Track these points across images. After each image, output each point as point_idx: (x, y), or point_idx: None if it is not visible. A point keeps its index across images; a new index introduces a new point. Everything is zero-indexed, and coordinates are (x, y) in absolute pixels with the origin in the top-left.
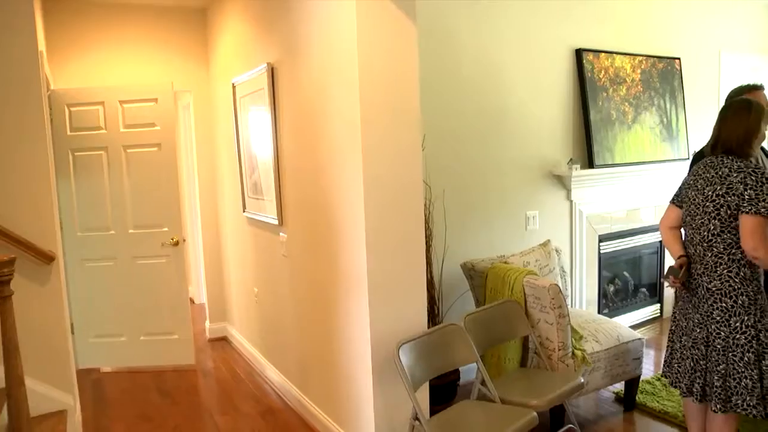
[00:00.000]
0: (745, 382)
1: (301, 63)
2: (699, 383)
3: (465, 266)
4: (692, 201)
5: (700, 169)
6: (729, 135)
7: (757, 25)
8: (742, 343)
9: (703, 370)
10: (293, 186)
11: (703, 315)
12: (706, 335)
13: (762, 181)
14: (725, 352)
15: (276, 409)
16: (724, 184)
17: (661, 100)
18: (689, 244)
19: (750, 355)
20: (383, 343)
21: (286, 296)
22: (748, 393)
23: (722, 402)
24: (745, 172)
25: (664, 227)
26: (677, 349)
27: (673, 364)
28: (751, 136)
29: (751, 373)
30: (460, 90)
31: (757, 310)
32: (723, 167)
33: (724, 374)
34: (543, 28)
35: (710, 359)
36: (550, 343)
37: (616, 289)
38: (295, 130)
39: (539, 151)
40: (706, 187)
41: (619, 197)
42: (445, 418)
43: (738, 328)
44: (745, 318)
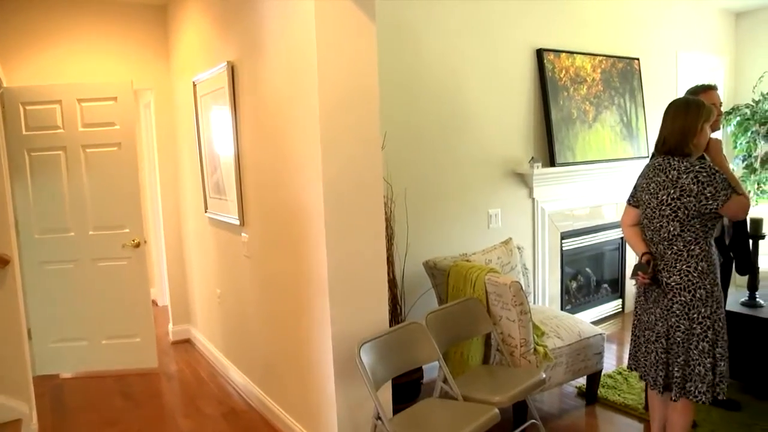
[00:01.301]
0: (698, 369)
1: (261, 61)
2: (662, 375)
3: (427, 264)
4: (648, 204)
5: (650, 172)
6: (670, 135)
7: (713, 28)
8: (698, 332)
9: (665, 362)
10: (254, 186)
11: (663, 309)
12: (667, 329)
13: (711, 173)
14: (684, 343)
15: (239, 410)
16: (677, 188)
17: (621, 100)
18: (650, 244)
19: (704, 344)
20: (345, 342)
21: (248, 297)
22: (701, 380)
23: (679, 388)
24: (694, 171)
25: (625, 225)
26: (641, 343)
27: (639, 357)
28: (689, 135)
29: (705, 361)
30: (422, 89)
31: (714, 302)
32: (672, 170)
33: (683, 365)
34: (504, 28)
35: (671, 351)
36: (512, 339)
37: (578, 286)
38: (256, 129)
39: (501, 149)
40: (660, 191)
41: (580, 195)
42: (408, 417)
43: (696, 319)
44: (703, 310)
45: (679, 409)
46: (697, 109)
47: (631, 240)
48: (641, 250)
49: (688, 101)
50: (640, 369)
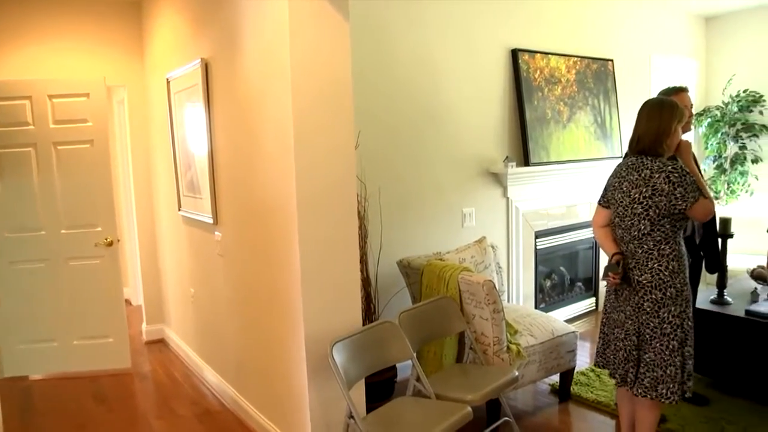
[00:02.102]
0: (669, 369)
1: (235, 58)
2: (632, 372)
3: (401, 263)
4: (619, 203)
5: (622, 171)
6: (644, 135)
7: (684, 31)
8: (668, 331)
9: (635, 359)
10: (228, 184)
11: (634, 307)
12: (637, 326)
13: (682, 175)
14: (652, 341)
15: (213, 411)
16: (649, 186)
17: (596, 100)
18: (621, 242)
19: (674, 342)
20: (318, 341)
21: (222, 296)
22: (671, 379)
23: (647, 389)
24: (666, 171)
25: (596, 226)
26: (611, 340)
27: (608, 354)
28: (663, 135)
29: (675, 360)
30: (397, 88)
31: (683, 301)
32: (644, 169)
33: (651, 363)
34: (479, 28)
35: (641, 349)
36: (485, 338)
37: (552, 284)
38: (230, 126)
39: (476, 148)
40: (632, 189)
41: (555, 194)
42: (380, 415)
43: (665, 318)
44: (672, 308)
45: (647, 405)
46: (671, 110)
47: (602, 240)
48: (612, 251)
49: (662, 102)
50: (609, 366)
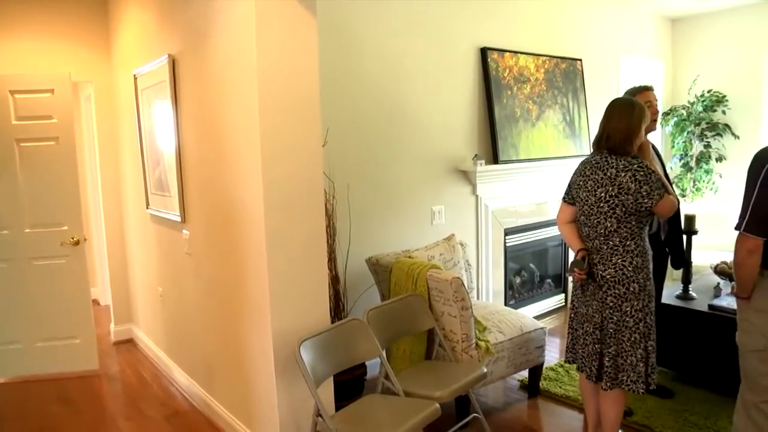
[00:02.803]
0: (630, 360)
1: (202, 55)
2: (596, 365)
3: (370, 261)
4: (585, 202)
5: (587, 170)
6: (614, 133)
7: (651, 32)
8: (631, 325)
9: (599, 353)
10: (196, 182)
11: (599, 302)
12: (601, 320)
13: (648, 173)
14: (616, 334)
15: (182, 411)
16: (615, 185)
17: (564, 99)
18: (587, 239)
19: (636, 335)
20: (286, 340)
21: (190, 295)
22: (632, 370)
23: (612, 381)
24: (632, 170)
25: (561, 223)
26: (580, 335)
27: (577, 349)
28: (633, 134)
29: (636, 352)
30: (366, 85)
31: (646, 296)
32: (610, 168)
33: (614, 355)
34: (448, 26)
35: (604, 342)
36: (453, 335)
37: (522, 281)
38: (197, 124)
39: (445, 146)
40: (598, 188)
41: (524, 192)
42: (349, 413)
43: (628, 312)
44: (635, 303)
45: (611, 398)
46: (641, 111)
47: (567, 237)
48: (577, 247)
49: (632, 102)
50: (578, 361)
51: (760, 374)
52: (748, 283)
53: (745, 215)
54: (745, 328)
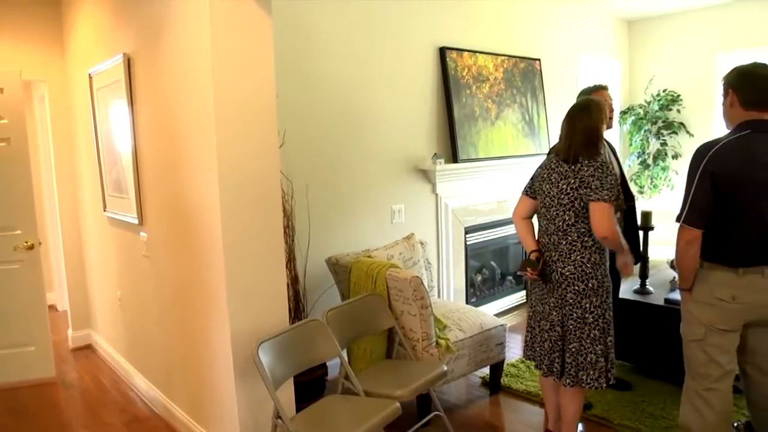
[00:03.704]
0: (590, 357)
1: (157, 54)
2: (557, 362)
3: (330, 261)
4: (547, 194)
5: (552, 163)
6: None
7: (608, 33)
8: (590, 321)
9: (560, 350)
10: (153, 183)
11: (558, 298)
12: (561, 317)
13: (607, 173)
14: (576, 331)
15: (142, 417)
16: (577, 178)
17: (523, 98)
18: (544, 234)
19: (596, 332)
20: (244, 342)
21: (149, 299)
22: (592, 367)
23: (573, 378)
24: (594, 166)
25: (518, 218)
26: (537, 333)
27: (535, 346)
28: (597, 138)
29: (596, 348)
30: (325, 85)
31: (604, 292)
32: (576, 162)
33: (576, 352)
34: (406, 25)
35: (565, 339)
36: (413, 334)
37: (483, 279)
38: (154, 124)
39: (404, 145)
40: (561, 180)
41: (484, 190)
42: (309, 415)
43: (588, 308)
44: (594, 299)
45: (570, 394)
46: (600, 111)
47: (522, 234)
48: (532, 246)
49: (589, 106)
50: (537, 358)
51: (700, 363)
52: (688, 274)
53: (685, 207)
54: (687, 318)
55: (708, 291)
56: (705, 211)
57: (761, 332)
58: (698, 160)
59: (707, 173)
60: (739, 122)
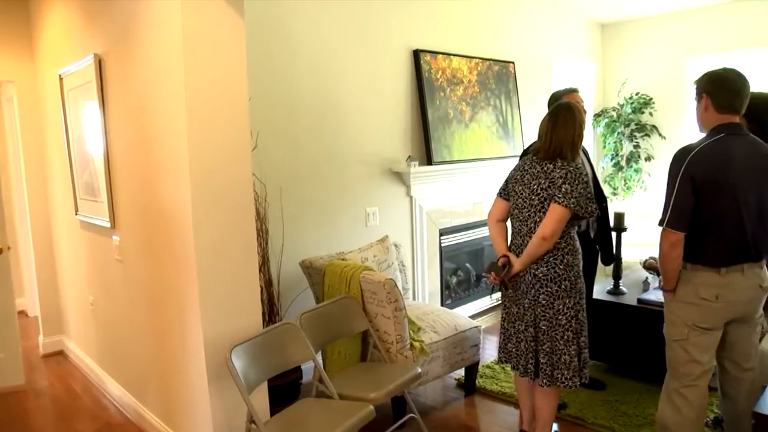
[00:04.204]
0: (565, 358)
1: (129, 55)
2: (532, 363)
3: (303, 264)
4: (519, 195)
5: (526, 165)
6: (560, 142)
7: (581, 36)
8: (563, 323)
9: (534, 350)
10: (125, 186)
11: (531, 300)
12: (534, 318)
13: (579, 180)
14: (549, 332)
15: (114, 424)
16: (548, 179)
17: (497, 101)
18: (517, 235)
19: (569, 333)
20: (217, 346)
21: (121, 303)
22: (567, 368)
23: (548, 377)
24: (567, 169)
25: (492, 220)
26: (512, 333)
27: (509, 347)
28: (579, 141)
29: (569, 349)
30: (298, 87)
31: (577, 293)
32: (549, 163)
33: (549, 352)
34: (381, 28)
35: (538, 340)
36: (388, 336)
37: (458, 281)
38: (126, 126)
39: (379, 148)
40: (532, 181)
41: (459, 192)
42: (283, 419)
43: (560, 310)
44: (567, 300)
45: (546, 394)
46: (582, 115)
47: (494, 237)
48: (502, 251)
49: (572, 107)
50: (512, 359)
51: (681, 362)
52: (672, 276)
53: (667, 211)
54: (671, 319)
55: (692, 291)
56: (687, 214)
57: (740, 328)
58: (677, 164)
59: (687, 177)
60: (713, 126)
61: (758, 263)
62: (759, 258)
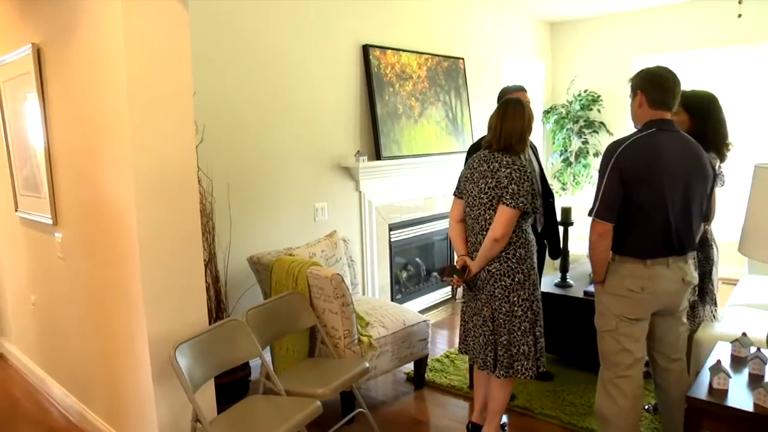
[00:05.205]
0: (523, 349)
1: (70, 44)
2: (490, 356)
3: (251, 260)
4: (470, 193)
5: (475, 163)
6: (508, 134)
7: (531, 34)
8: (519, 314)
9: (493, 344)
10: (68, 181)
11: (487, 295)
12: (491, 312)
13: (524, 178)
14: (507, 324)
15: (57, 428)
16: (494, 178)
17: (447, 96)
18: (471, 233)
19: (526, 324)
20: (162, 344)
21: (65, 302)
22: (525, 358)
23: (506, 369)
24: (512, 168)
25: (453, 220)
26: (470, 328)
27: (469, 341)
28: (526, 133)
29: (527, 340)
30: (246, 81)
31: (531, 285)
32: (494, 161)
33: (507, 344)
34: (330, 22)
35: (496, 333)
36: (335, 331)
37: (409, 275)
38: (68, 119)
39: (327, 143)
40: (481, 180)
41: (408, 187)
42: (229, 416)
43: (516, 302)
44: (522, 293)
45: (501, 384)
46: (530, 110)
47: (454, 238)
48: (461, 251)
49: (522, 102)
50: (470, 352)
51: (612, 352)
52: (600, 266)
53: (596, 202)
54: (600, 310)
55: (619, 282)
56: (615, 206)
57: (666, 321)
58: (608, 157)
59: (615, 170)
60: (645, 121)
61: (683, 257)
62: (683, 252)
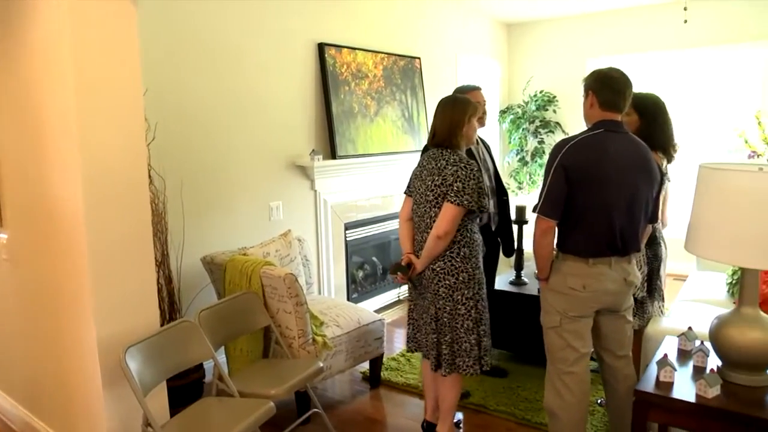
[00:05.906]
0: (465, 346)
1: (15, 39)
2: (434, 354)
3: (205, 260)
4: (418, 191)
5: (424, 161)
6: (439, 127)
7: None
8: (463, 312)
9: (436, 342)
10: (13, 179)
11: (432, 293)
12: (435, 311)
13: (470, 176)
14: (450, 322)
15: None
16: (441, 176)
17: (403, 96)
18: (417, 231)
19: (469, 322)
20: (112, 347)
21: (10, 306)
22: (468, 355)
23: (450, 366)
24: (458, 166)
25: (402, 219)
26: (420, 325)
27: (419, 338)
28: (456, 128)
29: (470, 338)
30: (199, 78)
31: (476, 284)
32: (441, 159)
33: (450, 342)
34: (285, 20)
35: (440, 331)
36: (289, 331)
37: (365, 274)
38: (13, 116)
39: (283, 141)
40: (428, 177)
41: (364, 187)
42: (182, 419)
43: (459, 300)
44: (466, 291)
45: (448, 383)
46: (464, 105)
47: (402, 236)
48: (407, 251)
49: (455, 98)
50: (422, 348)
51: (557, 348)
52: (544, 263)
53: (541, 199)
54: (544, 307)
55: (561, 280)
56: (559, 203)
57: (610, 319)
58: (554, 154)
59: (561, 167)
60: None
61: (625, 258)
62: (626, 253)
